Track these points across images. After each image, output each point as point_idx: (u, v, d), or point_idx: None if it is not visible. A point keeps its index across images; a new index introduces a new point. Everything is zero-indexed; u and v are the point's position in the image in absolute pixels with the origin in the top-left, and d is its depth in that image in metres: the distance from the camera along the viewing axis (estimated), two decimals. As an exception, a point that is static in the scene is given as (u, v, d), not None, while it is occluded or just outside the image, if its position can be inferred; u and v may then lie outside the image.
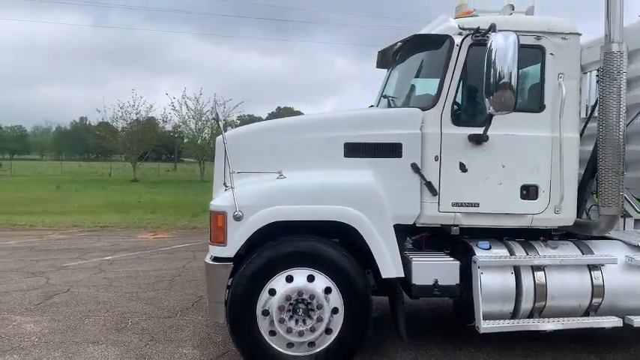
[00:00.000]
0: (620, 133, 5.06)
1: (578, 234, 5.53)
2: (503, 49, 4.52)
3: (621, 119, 5.06)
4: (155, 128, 46.69)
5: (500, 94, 4.54)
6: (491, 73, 4.54)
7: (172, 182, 43.03)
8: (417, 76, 5.60)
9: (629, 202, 5.42)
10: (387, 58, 6.31)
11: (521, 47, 4.95)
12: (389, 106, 5.69)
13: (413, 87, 5.58)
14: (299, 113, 66.04)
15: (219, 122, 4.74)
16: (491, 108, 4.62)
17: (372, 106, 6.24)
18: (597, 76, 5.23)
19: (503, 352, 5.55)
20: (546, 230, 5.45)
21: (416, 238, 5.49)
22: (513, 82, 4.51)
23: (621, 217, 5.85)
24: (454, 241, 5.42)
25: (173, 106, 43.14)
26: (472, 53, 5.02)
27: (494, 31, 4.69)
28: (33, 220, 16.65)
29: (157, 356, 5.33)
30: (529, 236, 5.42)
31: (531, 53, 5.14)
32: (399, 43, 5.82)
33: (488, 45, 4.58)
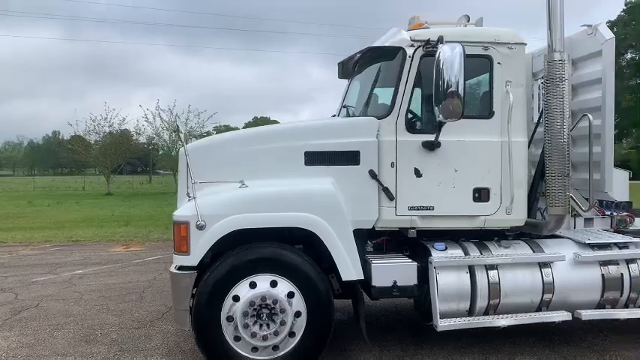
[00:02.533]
0: (565, 136, 5.35)
1: (531, 233, 5.80)
2: (450, 59, 4.76)
3: (565, 124, 5.35)
4: (129, 141, 46.35)
5: (448, 102, 4.79)
6: (440, 82, 4.79)
7: (147, 195, 42.69)
8: (373, 86, 5.81)
9: (576, 202, 5.70)
10: (347, 69, 6.53)
11: (471, 57, 5.25)
12: (348, 115, 5.91)
13: (370, 97, 5.79)
14: (275, 122, 66.18)
15: (179, 134, 4.93)
16: (440, 116, 4.86)
17: (334, 115, 6.45)
18: (542, 83, 5.51)
19: (463, 349, 5.76)
20: (500, 231, 5.70)
21: (377, 241, 5.66)
22: (460, 90, 4.75)
23: (572, 216, 6.17)
24: (414, 244, 5.63)
25: (146, 118, 42.81)
26: (423, 64, 5.26)
27: (442, 42, 4.94)
28: (3, 236, 16.43)
29: (125, 366, 5.41)
30: (484, 237, 5.66)
31: (480, 63, 5.41)
32: (357, 55, 6.05)
33: (436, 56, 4.82)
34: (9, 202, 34.54)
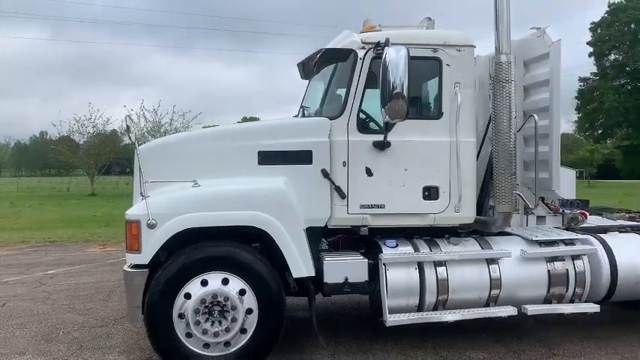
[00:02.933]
0: (511, 137, 5.50)
1: (483, 231, 5.94)
2: (395, 61, 4.90)
3: (512, 124, 5.50)
4: (113, 142, 46.10)
5: (393, 103, 4.91)
6: (385, 84, 4.92)
7: (131, 195, 42.34)
8: (328, 87, 5.92)
9: (523, 199, 5.85)
10: (307, 69, 6.63)
11: (419, 59, 5.42)
12: (304, 115, 6.02)
13: (325, 97, 5.90)
14: (261, 123, 65.94)
15: (130, 135, 4.98)
16: (386, 117, 4.99)
17: (295, 115, 6.56)
18: (490, 84, 5.66)
19: (417, 345, 5.89)
20: (453, 228, 5.84)
21: (332, 239, 5.77)
22: (405, 92, 4.88)
23: (525, 214, 6.34)
24: (369, 242, 5.74)
25: (131, 118, 42.59)
26: (374, 66, 5.37)
27: (388, 45, 5.06)
28: (-20, 237, 16.36)
29: (82, 363, 5.49)
30: (438, 234, 5.79)
31: (429, 64, 5.55)
32: (314, 56, 6.15)
33: (382, 58, 4.95)
34: (-9, 203, 34.27)
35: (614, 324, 6.58)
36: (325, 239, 5.73)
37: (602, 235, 5.92)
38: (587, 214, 6.67)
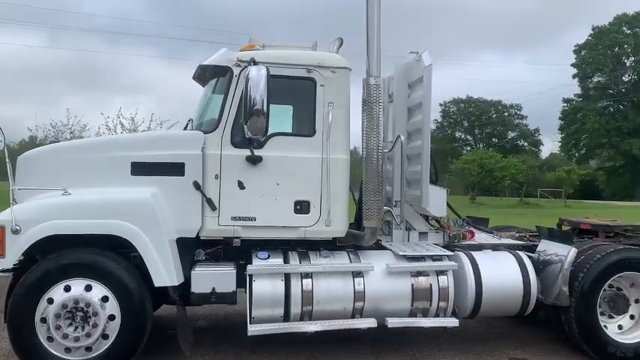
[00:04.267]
0: (379, 156, 5.74)
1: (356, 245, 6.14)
2: (255, 79, 5.15)
3: (379, 144, 5.73)
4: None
5: (254, 120, 5.16)
6: (247, 101, 5.16)
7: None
8: (208, 101, 6.14)
9: (393, 216, 6.08)
10: (202, 77, 6.68)
11: (294, 79, 5.67)
12: (186, 127, 6.24)
13: (204, 111, 6.13)
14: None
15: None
16: (248, 132, 5.22)
17: (185, 126, 6.72)
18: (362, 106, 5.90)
19: (293, 354, 6.05)
20: (332, 241, 6.03)
21: (212, 250, 5.94)
22: (265, 108, 5.12)
23: (406, 229, 6.57)
24: (249, 253, 5.92)
25: (107, 126, 42.65)
26: None
27: (254, 64, 5.31)
28: None
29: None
30: (317, 248, 5.97)
31: (303, 84, 5.78)
32: (198, 68, 6.31)
33: (245, 76, 5.19)
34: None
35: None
36: (203, 250, 5.92)
37: (474, 253, 6.14)
38: (474, 232, 6.92)
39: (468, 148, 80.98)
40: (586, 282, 5.89)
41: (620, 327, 6.16)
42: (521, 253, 6.24)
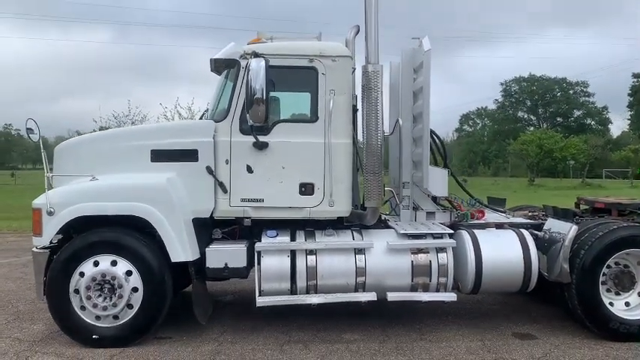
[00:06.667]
0: (379, 139, 6.01)
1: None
2: (255, 70, 5.57)
3: (379, 127, 6.01)
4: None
5: (255, 108, 5.59)
6: (248, 91, 5.60)
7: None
8: (222, 91, 6.59)
9: (394, 196, 6.36)
10: (217, 70, 7.03)
11: (297, 68, 6.05)
12: (202, 116, 6.75)
13: (217, 101, 6.59)
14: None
15: (30, 136, 5.85)
16: (250, 120, 5.66)
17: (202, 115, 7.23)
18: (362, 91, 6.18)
19: (299, 324, 6.50)
20: (338, 221, 6.39)
21: (227, 230, 6.46)
22: (264, 97, 5.54)
23: (413, 209, 6.84)
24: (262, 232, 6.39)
25: (166, 116, 44.48)
26: None
27: (255, 56, 5.72)
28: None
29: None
30: (323, 227, 6.36)
31: (306, 73, 6.13)
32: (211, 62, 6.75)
33: (246, 67, 5.62)
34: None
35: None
36: (220, 230, 6.44)
37: (476, 231, 6.33)
38: (484, 211, 7.08)
39: (532, 129, 78.25)
40: (587, 259, 5.96)
41: (627, 304, 6.18)
42: (524, 231, 6.37)
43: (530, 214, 7.36)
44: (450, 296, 6.08)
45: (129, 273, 5.84)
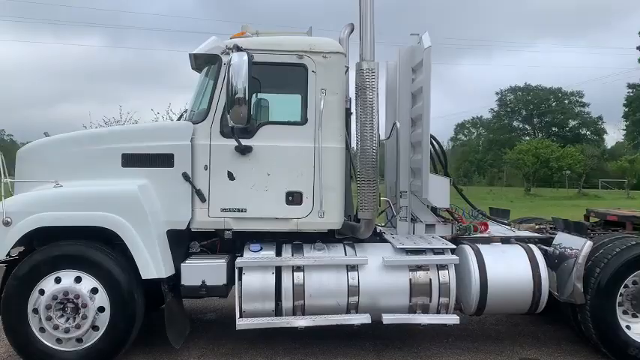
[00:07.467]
0: (374, 144, 5.43)
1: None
2: (236, 66, 5.00)
3: (374, 132, 5.43)
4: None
5: (236, 108, 5.01)
6: (229, 89, 5.02)
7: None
8: (203, 90, 6.00)
9: (391, 207, 5.79)
10: (197, 66, 6.40)
11: (285, 65, 5.47)
12: (180, 118, 6.16)
13: (196, 100, 6.02)
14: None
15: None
16: (230, 122, 5.08)
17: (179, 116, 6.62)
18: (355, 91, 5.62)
19: (292, 350, 5.89)
20: (328, 234, 5.81)
21: (206, 242, 5.86)
22: (246, 97, 4.96)
23: (411, 221, 6.26)
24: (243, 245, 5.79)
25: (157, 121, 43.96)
26: None
27: (237, 50, 5.15)
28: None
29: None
30: (313, 240, 5.78)
31: (295, 70, 5.57)
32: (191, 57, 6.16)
33: (227, 63, 5.04)
34: None
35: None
36: (198, 242, 5.84)
37: (481, 246, 5.77)
38: (488, 224, 6.52)
39: (527, 138, 78.07)
40: (603, 278, 5.42)
41: (646, 327, 5.62)
42: (533, 246, 5.82)
43: (537, 226, 6.80)
44: (452, 318, 5.48)
45: (94, 291, 5.22)
